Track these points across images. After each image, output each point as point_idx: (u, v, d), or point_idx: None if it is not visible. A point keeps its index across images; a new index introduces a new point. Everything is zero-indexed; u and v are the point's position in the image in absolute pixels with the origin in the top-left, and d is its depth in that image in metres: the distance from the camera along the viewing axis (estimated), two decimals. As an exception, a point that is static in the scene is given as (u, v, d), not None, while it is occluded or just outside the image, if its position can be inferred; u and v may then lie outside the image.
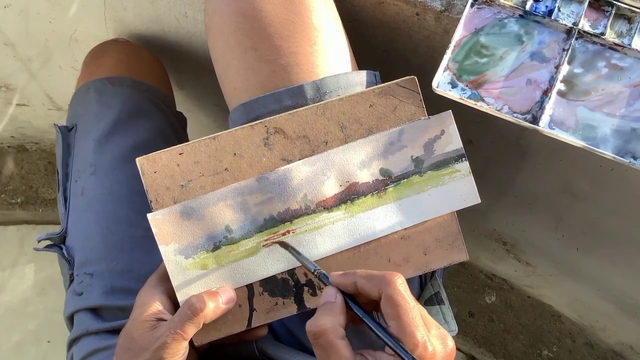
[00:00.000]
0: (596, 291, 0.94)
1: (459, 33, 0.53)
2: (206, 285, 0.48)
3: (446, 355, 0.38)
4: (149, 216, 0.48)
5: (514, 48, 0.52)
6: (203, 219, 0.48)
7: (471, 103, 0.52)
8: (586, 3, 0.52)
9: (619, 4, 0.51)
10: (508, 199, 0.86)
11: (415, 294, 0.55)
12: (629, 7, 0.51)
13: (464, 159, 0.50)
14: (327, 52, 0.52)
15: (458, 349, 1.16)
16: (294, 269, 0.49)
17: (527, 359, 1.13)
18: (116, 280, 0.60)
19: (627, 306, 0.90)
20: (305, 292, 0.49)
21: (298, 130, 0.49)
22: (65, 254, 0.63)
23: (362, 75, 0.53)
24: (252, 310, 0.49)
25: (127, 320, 0.48)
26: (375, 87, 0.50)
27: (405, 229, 0.50)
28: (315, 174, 0.49)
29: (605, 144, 0.50)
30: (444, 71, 0.52)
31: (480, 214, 0.94)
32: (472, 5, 0.53)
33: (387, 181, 0.49)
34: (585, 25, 0.52)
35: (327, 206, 0.49)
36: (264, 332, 0.50)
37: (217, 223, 0.48)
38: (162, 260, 0.48)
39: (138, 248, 0.62)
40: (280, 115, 0.49)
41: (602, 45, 0.52)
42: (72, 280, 0.62)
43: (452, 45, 0.52)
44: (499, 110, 0.51)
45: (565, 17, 0.52)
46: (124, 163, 0.66)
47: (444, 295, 0.55)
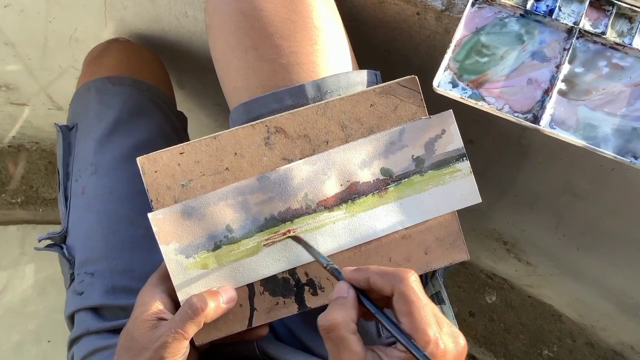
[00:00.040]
0: (597, 291, 0.93)
1: (459, 32, 0.53)
2: (207, 285, 0.48)
3: (457, 354, 0.38)
4: (150, 215, 0.48)
5: (514, 47, 0.52)
6: (204, 219, 0.48)
7: (472, 102, 0.52)
8: (587, 2, 0.52)
9: (619, 3, 0.51)
10: (509, 198, 0.86)
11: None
12: (629, 7, 0.51)
13: (464, 158, 0.50)
14: (328, 52, 0.52)
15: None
16: (295, 268, 0.49)
17: (528, 359, 1.13)
18: (117, 280, 0.60)
19: (628, 306, 0.90)
20: (306, 292, 0.49)
21: (299, 130, 0.49)
22: (66, 254, 0.63)
23: (363, 74, 0.53)
24: (252, 309, 0.49)
25: (128, 320, 0.48)
26: (376, 86, 0.50)
27: (406, 229, 0.50)
28: (316, 174, 0.49)
29: (606, 143, 0.50)
30: (445, 70, 0.52)
31: (480, 214, 0.94)
32: (472, 5, 0.53)
33: (388, 180, 0.49)
34: (586, 24, 0.52)
35: (328, 206, 0.49)
36: (264, 331, 0.50)
37: (217, 222, 0.48)
38: (162, 259, 0.48)
39: (139, 247, 0.62)
40: (281, 114, 0.49)
41: (603, 44, 0.52)
42: (72, 280, 0.62)
43: (452, 45, 0.52)
44: (499, 110, 0.51)
45: (566, 16, 0.52)
46: (125, 162, 0.66)
47: (445, 295, 0.55)
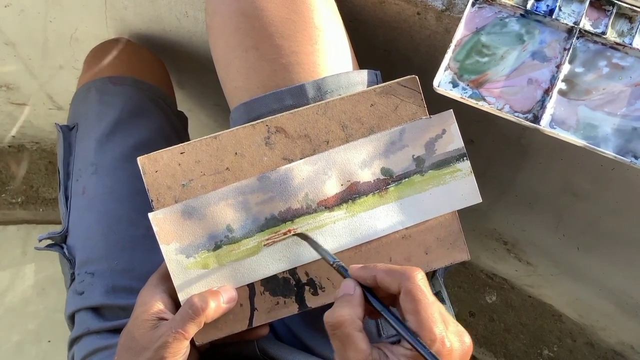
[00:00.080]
0: (597, 291, 0.93)
1: (460, 32, 0.53)
2: (207, 285, 0.48)
3: (463, 352, 0.38)
4: (150, 215, 0.48)
5: (515, 47, 0.52)
6: (204, 218, 0.48)
7: (472, 102, 0.52)
8: (587, 2, 0.52)
9: (620, 3, 0.51)
10: (509, 198, 0.86)
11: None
12: (630, 7, 0.51)
13: (465, 158, 0.50)
14: (328, 52, 0.52)
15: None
16: (295, 268, 0.49)
17: (528, 359, 1.13)
18: (117, 280, 0.60)
19: (628, 306, 0.90)
20: (307, 292, 0.49)
21: (299, 130, 0.49)
22: (67, 253, 0.63)
23: (363, 74, 0.53)
24: (253, 309, 0.49)
25: (129, 320, 0.48)
26: (376, 86, 0.50)
27: (407, 229, 0.50)
28: (317, 173, 0.49)
29: (606, 143, 0.50)
30: (445, 70, 0.52)
31: (481, 214, 0.94)
32: (473, 5, 0.53)
33: (388, 180, 0.49)
34: (586, 24, 0.52)
35: (329, 205, 0.49)
36: (265, 331, 0.50)
37: (218, 222, 0.48)
38: (163, 259, 0.48)
39: (139, 247, 0.62)
40: (282, 114, 0.49)
41: (603, 44, 0.52)
42: (73, 280, 0.62)
43: (453, 45, 0.52)
44: (500, 110, 0.51)
45: (566, 16, 0.52)
46: (125, 162, 0.66)
47: (445, 295, 0.55)
